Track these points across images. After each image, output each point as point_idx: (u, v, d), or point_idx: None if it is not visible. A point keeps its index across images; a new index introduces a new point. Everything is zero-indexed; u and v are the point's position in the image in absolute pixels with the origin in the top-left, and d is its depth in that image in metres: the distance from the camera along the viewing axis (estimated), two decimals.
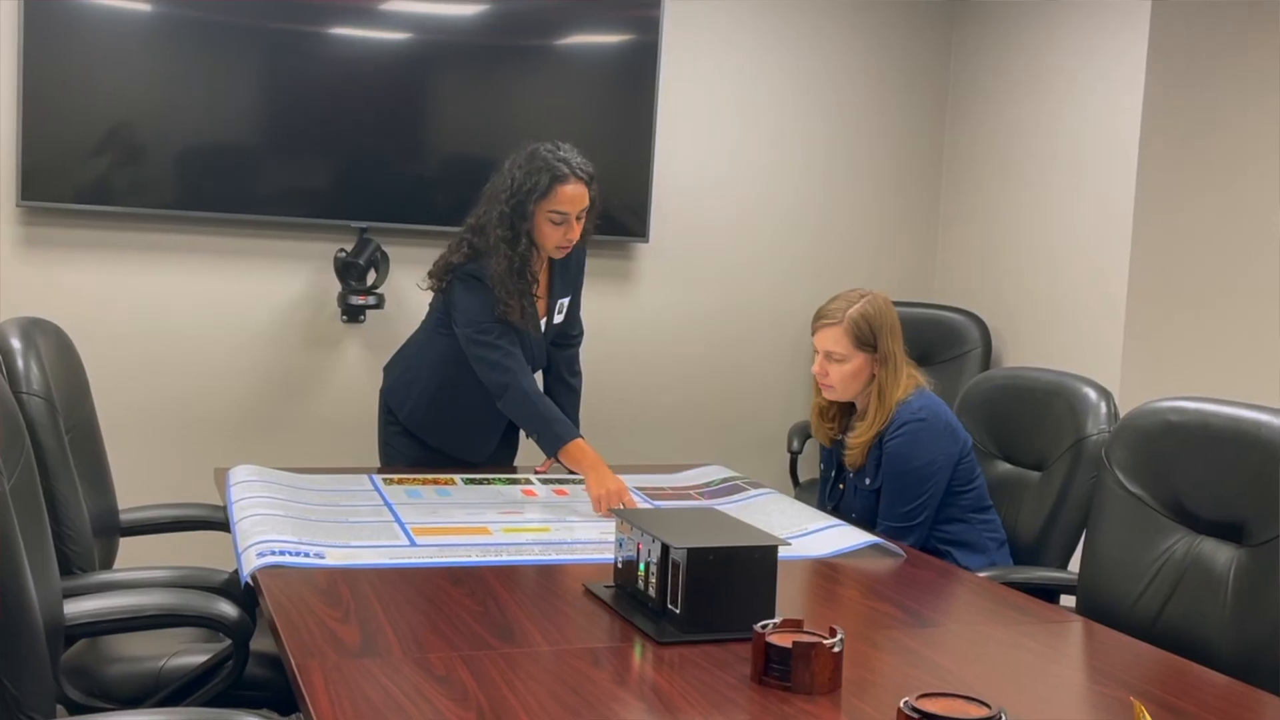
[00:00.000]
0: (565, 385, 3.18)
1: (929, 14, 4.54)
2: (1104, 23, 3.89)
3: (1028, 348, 4.18)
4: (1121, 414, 2.48)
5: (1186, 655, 1.95)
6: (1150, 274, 3.79)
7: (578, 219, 2.90)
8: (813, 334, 2.76)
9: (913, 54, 4.54)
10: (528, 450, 3.25)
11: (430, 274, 3.03)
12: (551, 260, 3.02)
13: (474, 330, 2.89)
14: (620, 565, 2.06)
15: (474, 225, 2.95)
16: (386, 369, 3.22)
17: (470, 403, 3.01)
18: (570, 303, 3.13)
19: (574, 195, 2.87)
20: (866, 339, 2.70)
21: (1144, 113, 3.74)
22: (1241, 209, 3.83)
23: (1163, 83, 3.75)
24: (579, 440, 2.80)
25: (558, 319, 3.08)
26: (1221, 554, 2.12)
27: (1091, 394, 2.77)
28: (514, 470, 3.11)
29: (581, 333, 3.23)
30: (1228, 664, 1.96)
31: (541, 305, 3.03)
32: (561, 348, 3.17)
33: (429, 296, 3.12)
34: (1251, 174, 3.82)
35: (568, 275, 3.09)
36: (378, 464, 3.18)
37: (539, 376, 3.21)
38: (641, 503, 2.78)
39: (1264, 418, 2.09)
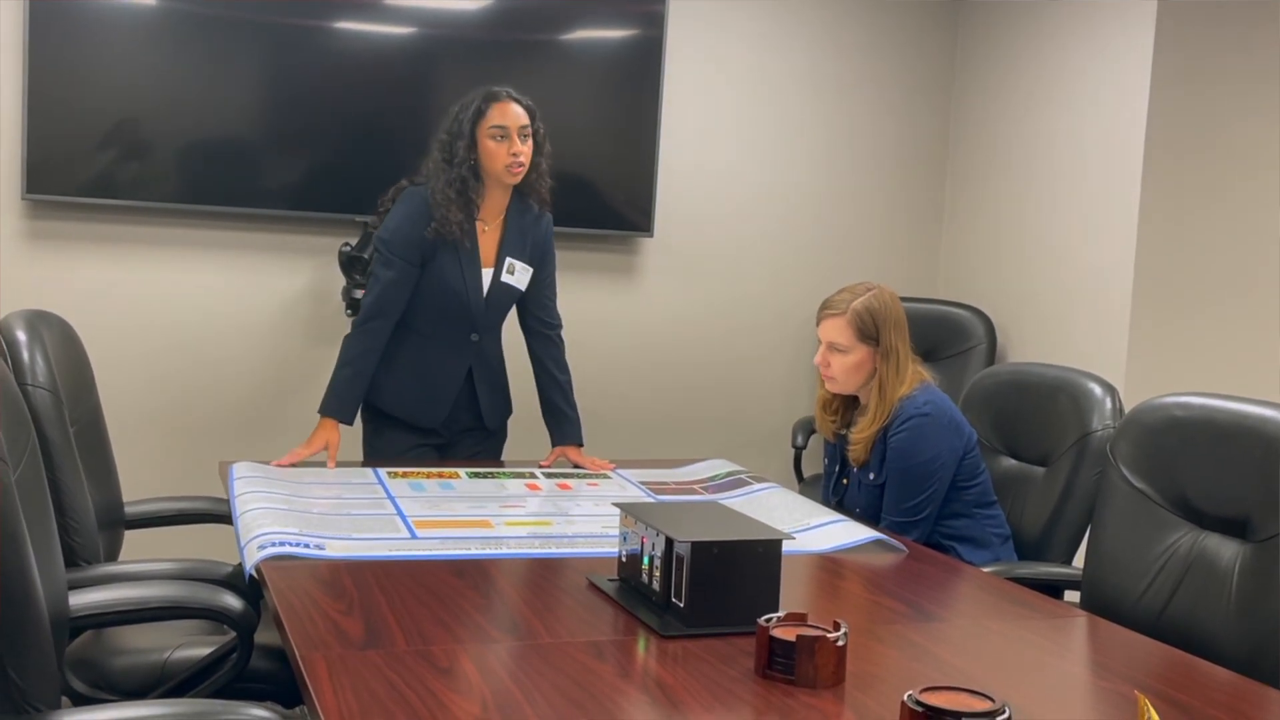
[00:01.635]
0: (554, 380, 3.18)
1: (934, 10, 4.53)
2: (1109, 19, 3.89)
3: (1032, 343, 4.18)
4: (1126, 410, 2.48)
5: (1191, 650, 1.95)
6: (1155, 269, 3.79)
7: (521, 138, 2.96)
8: (817, 324, 2.76)
9: (918, 49, 4.53)
10: (533, 446, 3.25)
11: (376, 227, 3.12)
12: (506, 217, 3.04)
13: (379, 257, 3.03)
14: (624, 559, 2.06)
15: (421, 166, 3.08)
16: None
17: (419, 366, 3.05)
18: (537, 282, 3.11)
19: (512, 111, 2.97)
20: (869, 332, 2.70)
21: (1149, 108, 3.74)
22: (1247, 205, 3.82)
23: (1169, 78, 3.74)
24: (329, 420, 2.96)
25: (508, 278, 3.06)
26: (1226, 549, 2.12)
27: (1096, 389, 2.77)
28: (501, 464, 3.11)
29: (560, 324, 3.20)
30: (1232, 659, 1.96)
31: (490, 252, 3.04)
32: (537, 334, 3.15)
33: None
34: (1257, 170, 3.81)
35: (524, 234, 3.08)
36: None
37: (527, 368, 3.20)
38: (645, 497, 2.78)
39: (1269, 413, 2.08)
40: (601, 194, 4.12)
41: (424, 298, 3.02)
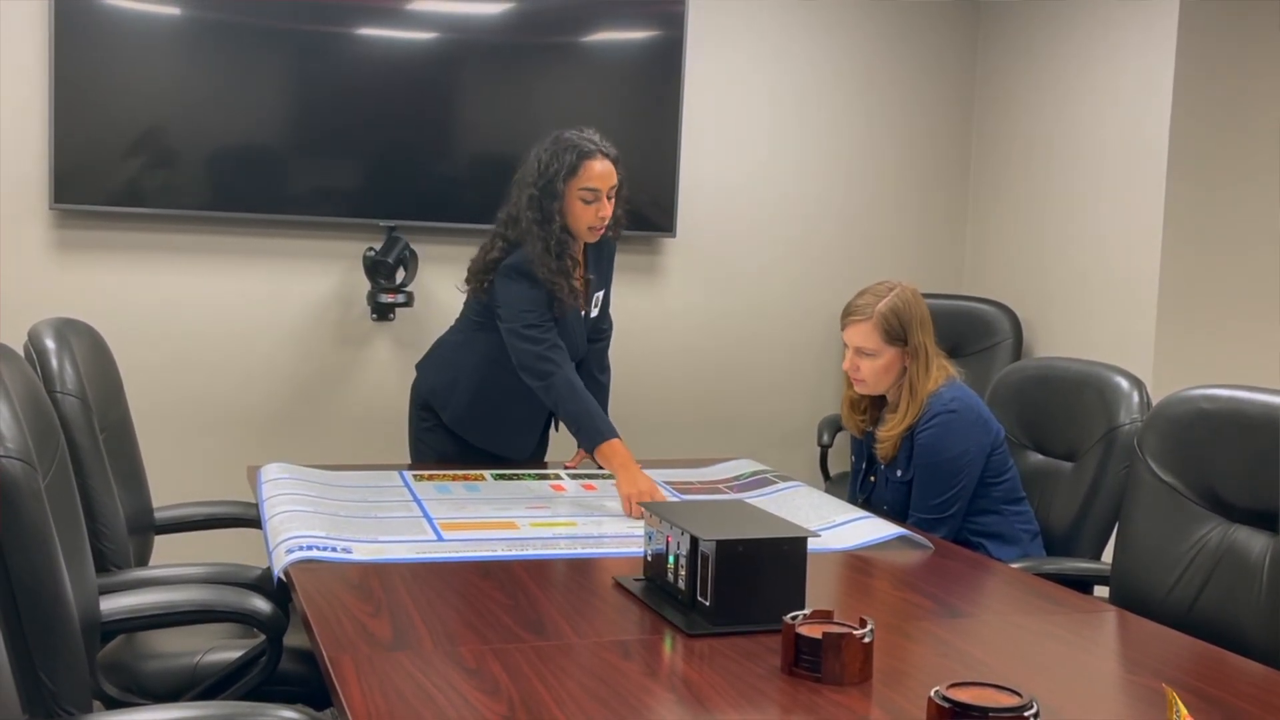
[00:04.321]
0: (595, 382, 3.18)
1: (955, 6, 4.51)
2: (1132, 12, 3.86)
3: (1059, 338, 4.16)
4: (1154, 403, 2.46)
5: (1221, 644, 1.94)
6: (1181, 262, 3.76)
7: (608, 197, 2.91)
8: (842, 329, 2.75)
9: (940, 46, 4.51)
10: (557, 446, 3.26)
11: (469, 278, 3.04)
12: (585, 251, 3.03)
13: (520, 324, 2.88)
14: (649, 558, 2.06)
15: (504, 219, 2.96)
16: (421, 367, 3.22)
17: (512, 402, 3.01)
18: (603, 296, 3.13)
19: (603, 171, 2.89)
20: (896, 333, 2.69)
21: (1174, 103, 3.71)
22: (1272, 197, 3.79)
23: (1193, 72, 3.71)
24: (616, 440, 2.78)
25: (594, 311, 3.09)
26: (1256, 542, 2.10)
27: (1123, 383, 2.75)
28: (544, 465, 3.12)
29: (611, 326, 3.24)
30: (1263, 653, 1.94)
31: (583, 295, 3.04)
32: (593, 342, 3.17)
33: (459, 294, 3.13)
34: None
35: (601, 267, 3.09)
36: (408, 460, 3.20)
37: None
38: (670, 497, 2.78)
39: None
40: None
41: None
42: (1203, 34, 3.70)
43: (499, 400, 3.03)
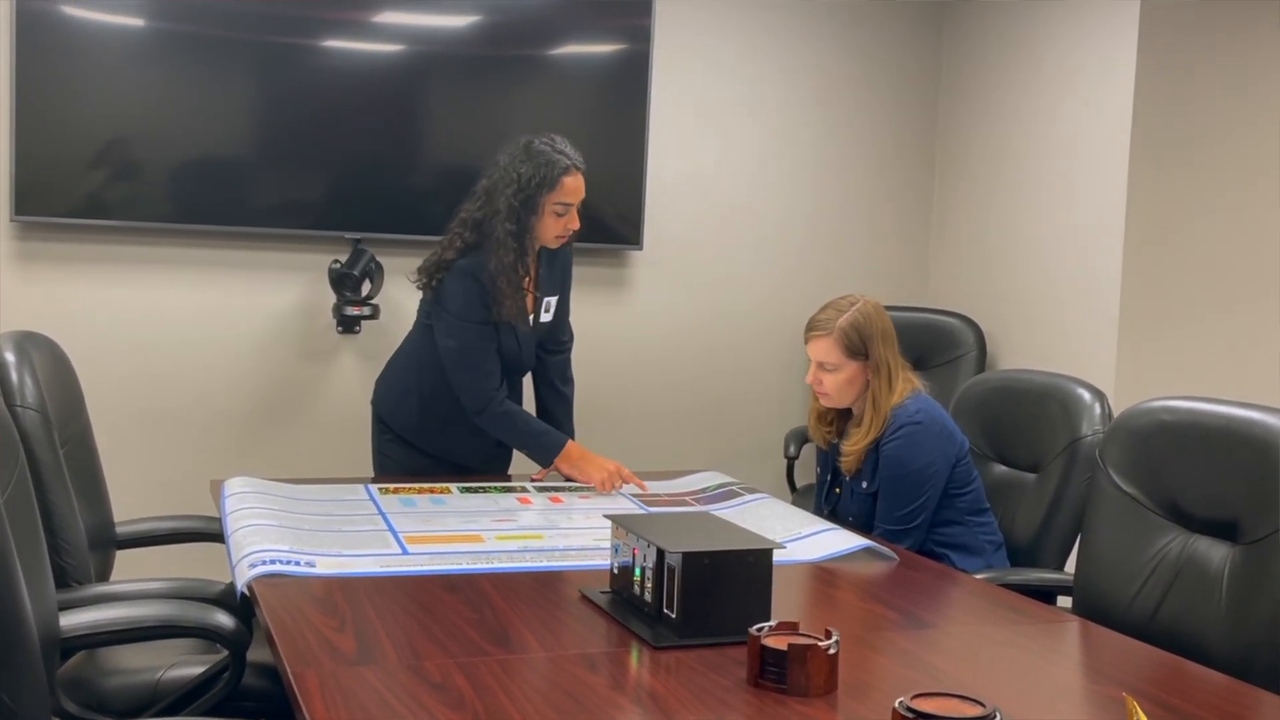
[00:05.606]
0: (557, 393, 3.19)
1: (919, 18, 4.55)
2: (1093, 25, 3.90)
3: (1022, 350, 4.19)
4: (1115, 415, 2.49)
5: (1182, 654, 1.96)
6: (1143, 275, 3.80)
7: (577, 210, 2.97)
8: (805, 344, 2.77)
9: (903, 59, 4.55)
10: (524, 459, 3.25)
11: (420, 270, 3.04)
12: (539, 256, 3.04)
13: (456, 342, 2.93)
14: (616, 571, 2.06)
15: (467, 220, 2.98)
16: (378, 381, 3.22)
17: (462, 419, 3.02)
18: (558, 304, 3.13)
19: (576, 186, 2.96)
20: (857, 348, 2.70)
21: (1134, 114, 3.75)
22: (1233, 209, 3.84)
23: (1153, 83, 3.76)
24: (569, 444, 2.87)
25: (545, 317, 3.09)
26: (1216, 552, 2.12)
27: (1085, 395, 2.78)
28: (509, 478, 3.12)
29: (572, 337, 3.24)
30: (1223, 662, 1.96)
31: (529, 301, 3.04)
32: (552, 353, 3.17)
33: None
34: (1243, 174, 3.82)
35: (553, 274, 3.10)
36: (372, 474, 3.18)
37: (528, 381, 3.21)
38: (636, 509, 2.78)
39: (1256, 415, 2.09)
40: (590, 207, 4.08)
41: None
42: (1163, 42, 3.74)
43: (449, 404, 3.02)
